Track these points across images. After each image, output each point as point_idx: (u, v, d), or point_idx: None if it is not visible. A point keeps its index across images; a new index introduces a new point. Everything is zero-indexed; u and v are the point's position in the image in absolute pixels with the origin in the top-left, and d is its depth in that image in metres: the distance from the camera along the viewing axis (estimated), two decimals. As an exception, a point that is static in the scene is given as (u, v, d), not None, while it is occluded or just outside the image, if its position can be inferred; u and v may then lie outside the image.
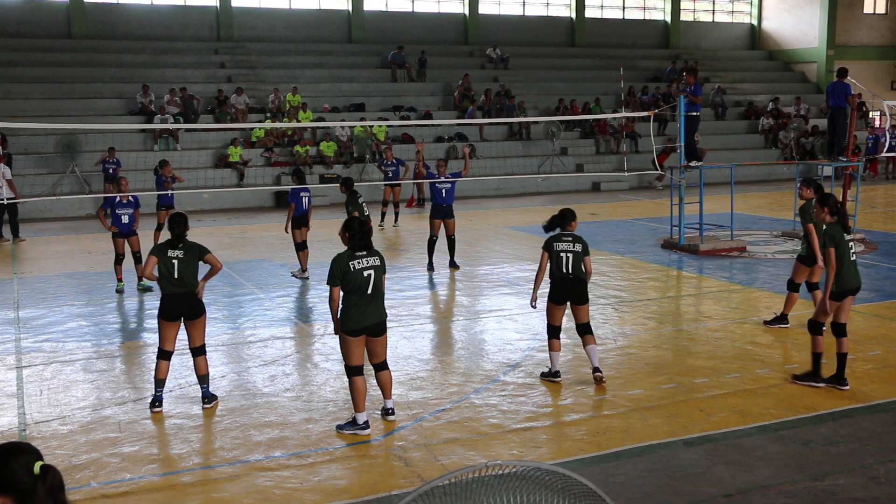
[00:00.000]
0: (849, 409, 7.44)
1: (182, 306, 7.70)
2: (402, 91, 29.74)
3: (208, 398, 7.82)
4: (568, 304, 8.22)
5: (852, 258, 7.90)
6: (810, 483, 6.01)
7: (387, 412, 7.34)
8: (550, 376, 8.28)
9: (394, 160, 19.52)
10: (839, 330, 7.99)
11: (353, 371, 7.03)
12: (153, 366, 8.85)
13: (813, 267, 9.75)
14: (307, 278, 13.30)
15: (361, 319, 6.91)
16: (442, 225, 13.81)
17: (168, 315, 7.72)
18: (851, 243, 7.94)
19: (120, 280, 12.71)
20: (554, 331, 8.27)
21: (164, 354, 7.77)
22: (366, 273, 6.91)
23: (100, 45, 28.34)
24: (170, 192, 15.53)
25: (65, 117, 23.52)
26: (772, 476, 6.14)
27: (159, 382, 7.77)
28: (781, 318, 10.15)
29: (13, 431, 7.23)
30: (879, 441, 6.73)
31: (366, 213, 12.49)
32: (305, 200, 13.53)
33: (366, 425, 7.06)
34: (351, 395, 7.08)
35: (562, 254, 8.04)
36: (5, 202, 16.07)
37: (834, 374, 8.01)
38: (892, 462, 6.34)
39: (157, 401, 7.74)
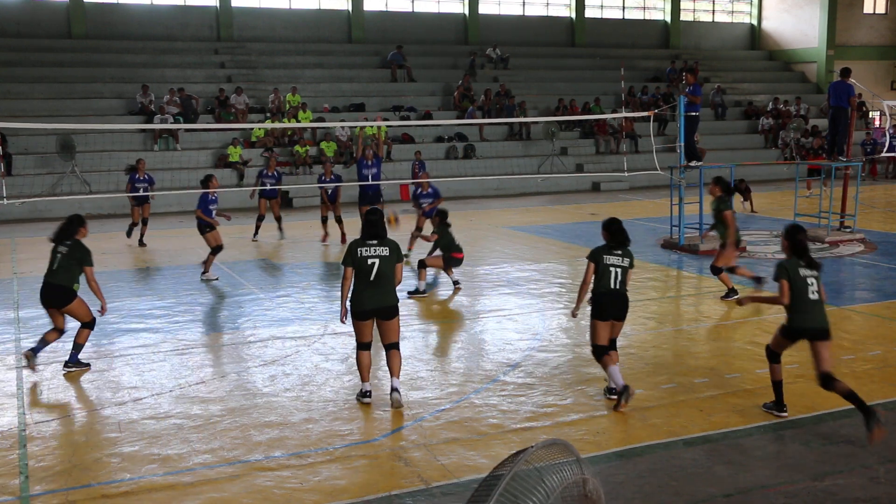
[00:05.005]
0: (849, 409, 7.41)
1: (51, 296, 8.73)
2: (402, 91, 29.74)
3: (72, 362, 8.79)
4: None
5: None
6: (810, 483, 6.01)
7: (393, 389, 7.62)
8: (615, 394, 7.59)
9: (430, 189, 15.59)
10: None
11: (359, 346, 7.70)
12: (152, 366, 9.05)
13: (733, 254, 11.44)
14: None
15: (363, 303, 7.47)
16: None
17: (43, 302, 8.85)
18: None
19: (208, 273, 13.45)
20: (602, 350, 7.60)
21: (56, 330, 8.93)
22: (370, 261, 7.45)
23: (100, 45, 28.36)
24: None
25: (65, 117, 23.52)
26: (772, 476, 6.14)
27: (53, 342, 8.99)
28: (731, 292, 11.42)
29: (13, 431, 7.23)
30: (879, 441, 6.72)
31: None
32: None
33: (367, 394, 7.68)
34: (357, 366, 7.80)
35: (611, 268, 7.57)
36: None
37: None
38: (892, 462, 6.33)
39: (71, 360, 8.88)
